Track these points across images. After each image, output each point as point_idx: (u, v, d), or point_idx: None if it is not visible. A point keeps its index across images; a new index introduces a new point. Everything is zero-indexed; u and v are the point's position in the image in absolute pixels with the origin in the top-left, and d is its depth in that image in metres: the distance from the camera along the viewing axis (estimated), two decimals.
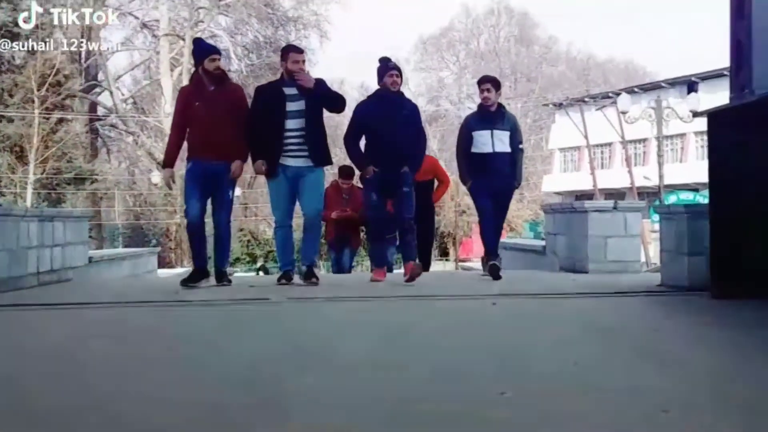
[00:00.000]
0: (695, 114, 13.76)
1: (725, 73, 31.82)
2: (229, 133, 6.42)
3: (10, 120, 30.10)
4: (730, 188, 5.28)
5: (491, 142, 7.07)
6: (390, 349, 3.75)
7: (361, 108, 6.93)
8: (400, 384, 2.94)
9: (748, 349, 3.69)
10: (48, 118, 30.31)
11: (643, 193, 32.39)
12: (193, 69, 7.05)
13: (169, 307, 5.62)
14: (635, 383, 2.93)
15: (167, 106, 36.66)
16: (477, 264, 18.23)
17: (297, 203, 6.87)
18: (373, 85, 7.26)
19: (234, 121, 6.48)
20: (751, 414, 2.49)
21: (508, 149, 7.15)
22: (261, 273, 24.81)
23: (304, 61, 6.80)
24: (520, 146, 7.39)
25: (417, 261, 6.86)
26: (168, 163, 6.97)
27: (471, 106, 53.70)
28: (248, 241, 34.97)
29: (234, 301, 5.71)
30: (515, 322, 4.70)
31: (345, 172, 9.38)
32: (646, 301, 5.57)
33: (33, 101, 30.10)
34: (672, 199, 28.21)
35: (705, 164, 5.48)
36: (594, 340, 4.03)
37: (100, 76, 40.12)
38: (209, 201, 6.73)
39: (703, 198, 30.76)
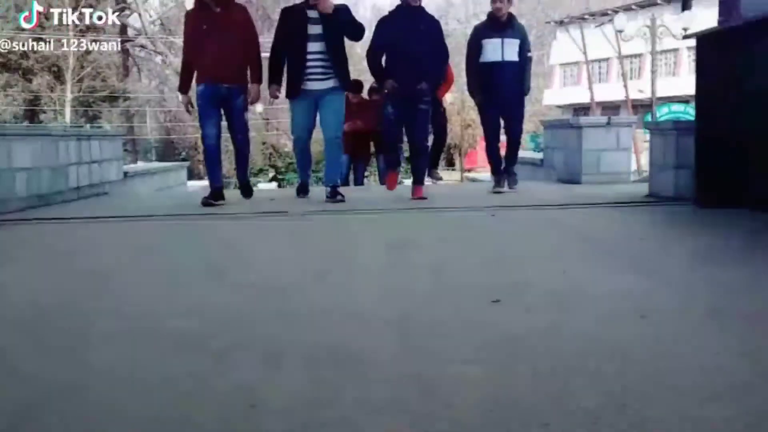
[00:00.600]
0: (685, 36, 13.41)
1: None
2: (239, 56, 6.08)
3: (47, 42, 29.80)
4: (716, 108, 5.23)
5: (501, 50, 6.52)
6: (397, 259, 3.82)
7: (382, 23, 6.34)
8: (404, 296, 3.01)
9: (724, 256, 3.74)
10: (82, 40, 29.97)
11: (638, 105, 32.02)
12: None
13: (198, 219, 5.67)
14: (617, 288, 3.00)
15: None
16: (481, 175, 18.11)
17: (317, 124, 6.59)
18: (383, 6, 7.00)
19: (242, 42, 6.10)
20: (721, 317, 2.55)
21: (516, 58, 6.60)
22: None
23: None
24: (529, 54, 6.84)
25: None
26: (184, 88, 6.50)
27: (476, 24, 53.31)
28: (270, 154, 34.98)
29: (256, 215, 5.76)
30: (511, 233, 4.73)
31: (354, 86, 8.94)
32: (635, 211, 5.54)
33: (67, 24, 29.76)
34: (664, 111, 27.82)
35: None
36: (583, 249, 4.10)
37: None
38: (224, 122, 6.39)
39: (692, 110, 30.39)
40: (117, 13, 35.34)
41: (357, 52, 16.87)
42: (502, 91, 6.57)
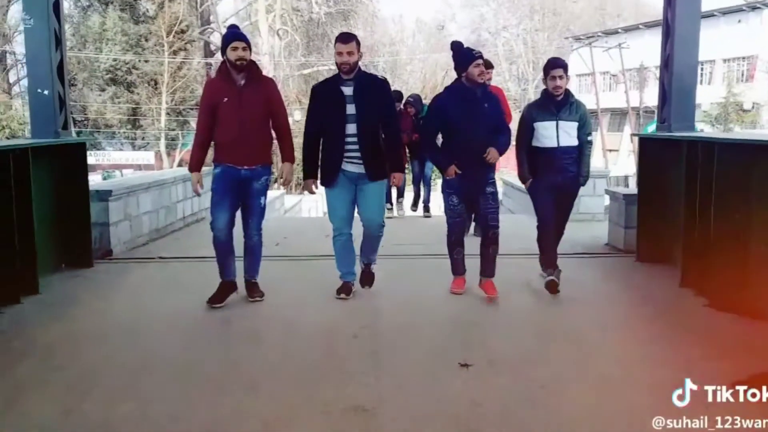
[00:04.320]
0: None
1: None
2: (263, 135, 4.75)
3: (146, 60, 31.27)
4: (652, 187, 6.00)
5: (556, 134, 5.01)
6: None
7: (440, 101, 4.97)
8: None
9: (633, 301, 4.66)
10: (174, 59, 31.40)
11: (648, 111, 32.24)
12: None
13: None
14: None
15: (264, 45, 37.16)
16: None
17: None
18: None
19: (267, 119, 4.75)
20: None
21: (575, 142, 5.05)
22: None
23: (350, 53, 4.62)
24: (589, 138, 5.18)
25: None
26: (195, 166, 4.82)
27: (506, 36, 53.93)
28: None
29: None
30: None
31: (396, 97, 8.21)
32: (590, 261, 6.16)
33: (163, 45, 31.18)
34: (651, 128, 28.09)
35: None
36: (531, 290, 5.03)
37: (212, 19, 40.69)
38: (239, 210, 4.87)
39: None
40: (200, 30, 36.79)
41: None
42: (557, 178, 5.08)
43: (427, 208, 9.51)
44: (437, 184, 9.89)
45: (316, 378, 3.52)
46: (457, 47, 4.87)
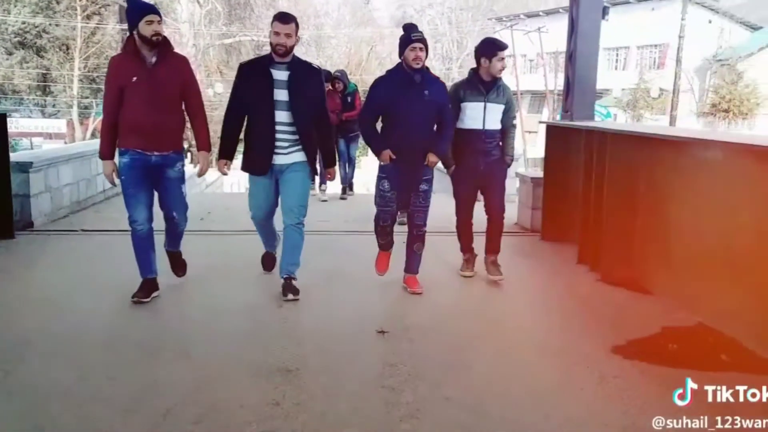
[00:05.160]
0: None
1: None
2: (175, 118, 4.36)
3: (57, 24, 29.99)
4: (556, 171, 6.52)
5: (483, 116, 4.91)
6: None
7: (378, 85, 4.70)
8: None
9: (535, 276, 5.18)
10: (88, 23, 30.24)
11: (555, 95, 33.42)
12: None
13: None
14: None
15: (183, 12, 36.26)
16: None
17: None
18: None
19: (180, 101, 4.37)
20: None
21: (498, 126, 5.00)
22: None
23: (288, 35, 4.37)
24: (514, 122, 5.13)
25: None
26: (107, 152, 4.31)
27: (431, 13, 54.57)
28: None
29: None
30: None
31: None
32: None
33: (76, 9, 29.96)
34: None
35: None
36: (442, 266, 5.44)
37: None
38: (155, 197, 4.48)
39: (602, 108, 31.94)
40: None
41: None
42: (480, 163, 5.01)
43: (350, 186, 9.65)
44: (361, 161, 10.12)
45: (244, 344, 3.84)
46: (404, 28, 4.59)
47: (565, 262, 5.72)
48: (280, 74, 4.43)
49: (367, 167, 9.87)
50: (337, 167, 5.44)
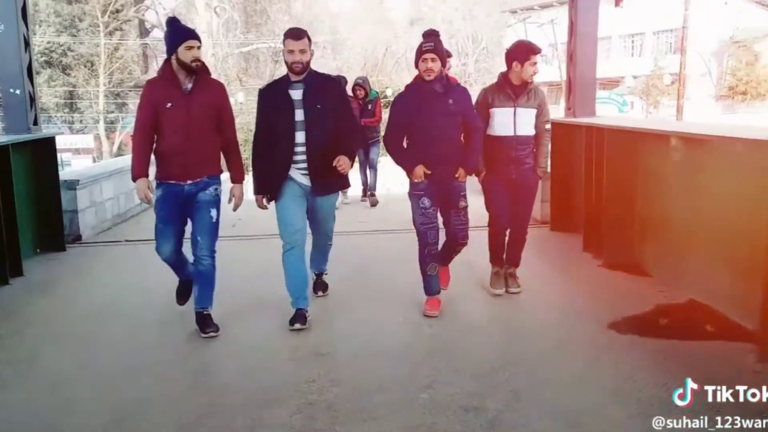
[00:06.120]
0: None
1: None
2: (210, 146, 4.23)
3: (81, 42, 31.00)
4: (562, 165, 6.98)
5: (513, 122, 4.70)
6: None
7: (399, 101, 4.53)
8: None
9: (544, 263, 5.63)
10: (111, 40, 31.22)
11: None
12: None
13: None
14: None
15: (201, 23, 37.05)
16: None
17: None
18: None
19: (215, 130, 4.24)
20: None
21: (532, 131, 4.78)
22: None
23: (302, 50, 4.23)
24: (547, 126, 5.00)
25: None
26: (139, 171, 4.18)
27: (444, 9, 54.63)
28: None
29: None
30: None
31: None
32: None
33: (98, 26, 30.94)
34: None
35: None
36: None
37: None
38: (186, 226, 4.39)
39: (617, 96, 32.16)
40: (134, 9, 36.48)
41: None
42: (512, 171, 4.78)
43: (372, 194, 9.50)
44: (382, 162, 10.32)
45: (282, 332, 4.37)
46: (422, 36, 4.39)
47: (570, 251, 6.19)
48: (296, 93, 4.29)
49: (383, 169, 10.29)
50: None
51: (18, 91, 6.44)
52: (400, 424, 3.14)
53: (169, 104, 4.10)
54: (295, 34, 4.26)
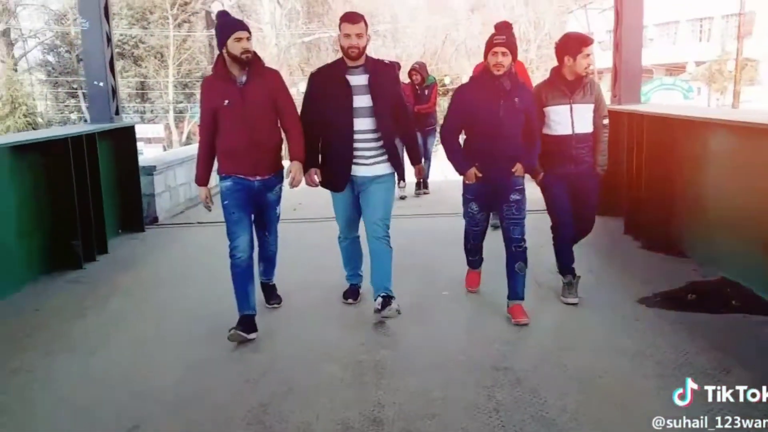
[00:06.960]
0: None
1: None
2: (273, 138, 4.21)
3: (152, 34, 32.31)
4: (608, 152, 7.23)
5: (570, 120, 4.45)
6: None
7: (461, 92, 4.39)
8: None
9: (588, 245, 5.91)
10: (179, 32, 32.41)
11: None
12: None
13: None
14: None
15: (265, 13, 37.96)
16: None
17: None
18: None
19: (276, 120, 4.20)
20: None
21: (590, 128, 4.54)
22: None
23: (359, 35, 4.11)
24: (605, 121, 4.65)
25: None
26: (202, 179, 4.31)
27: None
28: None
29: None
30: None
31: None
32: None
33: (167, 18, 32.17)
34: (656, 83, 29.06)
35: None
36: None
37: None
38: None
39: (682, 83, 31.41)
40: (201, 1, 37.61)
41: None
42: (572, 170, 4.53)
43: (425, 185, 9.37)
44: (438, 150, 10.43)
45: (337, 304, 4.84)
46: (494, 28, 4.20)
47: (613, 233, 6.46)
48: (358, 79, 4.16)
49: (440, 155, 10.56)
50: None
51: (102, 84, 7.11)
52: (439, 378, 3.57)
53: (227, 101, 4.03)
54: (352, 17, 4.14)
